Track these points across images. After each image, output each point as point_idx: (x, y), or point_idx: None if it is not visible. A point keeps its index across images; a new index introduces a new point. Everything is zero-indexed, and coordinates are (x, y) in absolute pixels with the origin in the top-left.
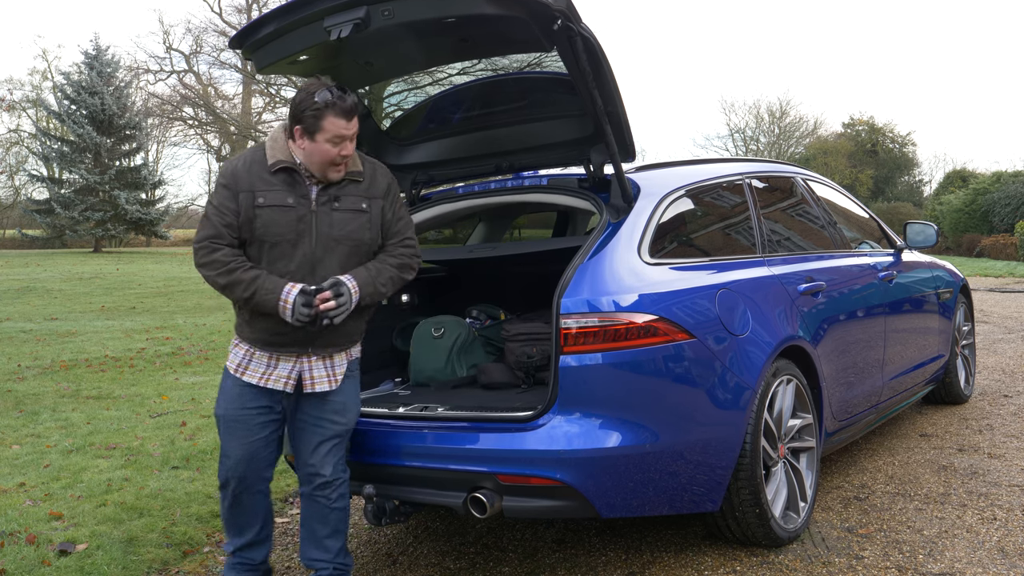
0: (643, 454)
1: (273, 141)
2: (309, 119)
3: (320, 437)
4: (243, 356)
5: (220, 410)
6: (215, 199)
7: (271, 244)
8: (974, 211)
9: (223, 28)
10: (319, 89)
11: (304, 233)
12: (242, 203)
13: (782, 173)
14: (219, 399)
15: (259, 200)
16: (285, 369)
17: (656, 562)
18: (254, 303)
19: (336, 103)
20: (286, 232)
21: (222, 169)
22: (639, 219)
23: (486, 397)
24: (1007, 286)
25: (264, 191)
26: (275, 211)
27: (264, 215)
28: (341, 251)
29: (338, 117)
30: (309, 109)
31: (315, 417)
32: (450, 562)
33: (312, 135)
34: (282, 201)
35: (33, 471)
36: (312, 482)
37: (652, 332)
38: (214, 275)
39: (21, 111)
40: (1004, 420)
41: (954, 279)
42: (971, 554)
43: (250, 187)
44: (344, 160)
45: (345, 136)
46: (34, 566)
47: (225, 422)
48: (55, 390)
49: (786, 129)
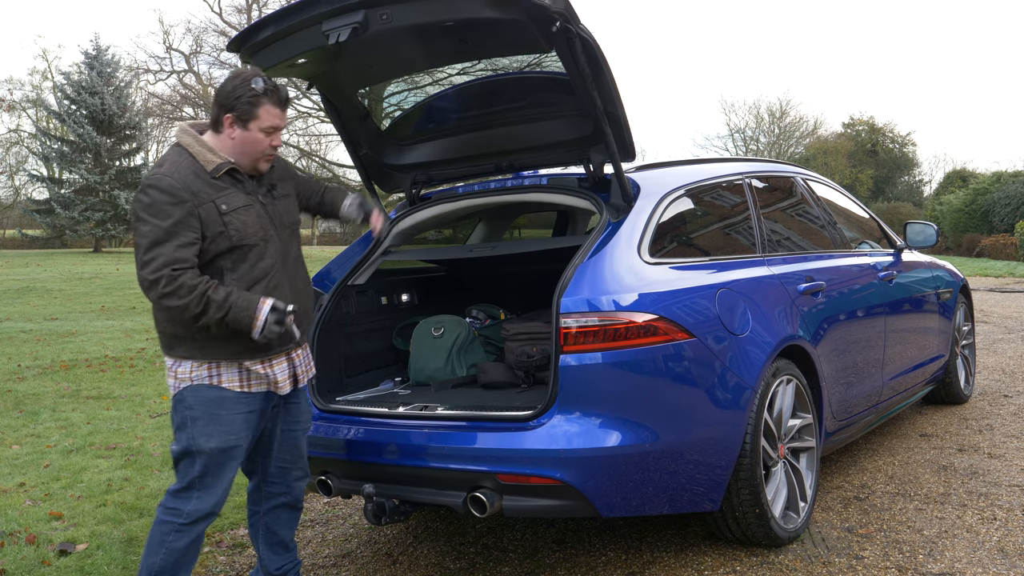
0: (643, 453)
1: (197, 146)
2: (244, 106)
3: (303, 437)
4: (234, 372)
5: (216, 442)
6: (165, 221)
7: (250, 247)
8: (974, 211)
9: (223, 28)
10: (253, 77)
11: (269, 227)
12: (205, 217)
13: (782, 173)
14: (208, 430)
15: (223, 207)
16: (283, 371)
17: (656, 562)
18: (226, 323)
19: (273, 91)
20: (258, 231)
21: (160, 186)
22: (639, 219)
23: (486, 397)
24: (1007, 286)
25: (221, 197)
26: (241, 213)
27: (235, 221)
28: (294, 237)
29: (274, 106)
30: (245, 96)
31: (295, 418)
32: (450, 562)
33: (245, 123)
34: (241, 202)
35: (33, 471)
36: (293, 490)
37: (652, 331)
38: (185, 302)
39: (21, 111)
40: (1004, 420)
41: (954, 279)
42: (971, 554)
43: (209, 197)
44: (274, 152)
45: (279, 127)
46: (34, 566)
47: (223, 453)
48: (55, 390)
49: (786, 129)
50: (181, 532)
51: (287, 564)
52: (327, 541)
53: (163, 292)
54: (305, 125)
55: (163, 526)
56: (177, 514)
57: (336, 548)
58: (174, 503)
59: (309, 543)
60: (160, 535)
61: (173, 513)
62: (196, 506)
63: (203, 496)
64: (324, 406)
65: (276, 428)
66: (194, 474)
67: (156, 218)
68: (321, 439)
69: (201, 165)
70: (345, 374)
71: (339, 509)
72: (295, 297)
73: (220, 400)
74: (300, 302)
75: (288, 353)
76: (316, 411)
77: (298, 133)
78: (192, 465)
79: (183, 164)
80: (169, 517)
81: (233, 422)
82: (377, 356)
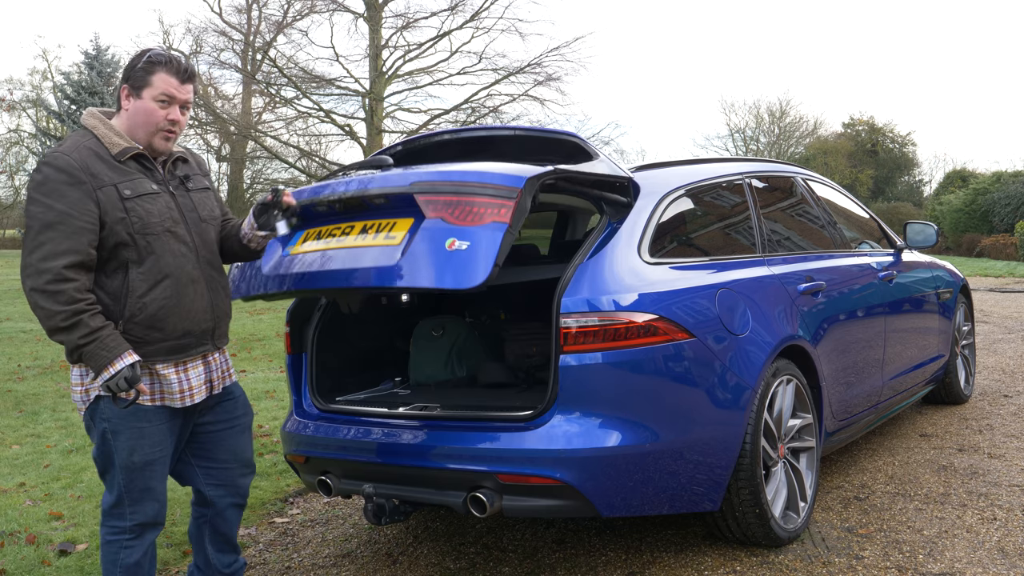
0: (643, 453)
1: (103, 128)
2: (139, 74)
3: (244, 432)
4: (145, 382)
5: (141, 456)
6: (60, 202)
7: (153, 236)
8: (974, 211)
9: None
10: (154, 49)
11: (178, 220)
12: (104, 201)
13: (782, 173)
14: (128, 445)
15: (125, 192)
16: (198, 376)
17: (656, 562)
18: (82, 353)
19: (170, 61)
20: (164, 221)
21: (57, 164)
22: (639, 219)
23: (486, 397)
24: (1007, 286)
25: (125, 181)
26: (145, 200)
27: (138, 208)
28: (211, 232)
29: (170, 75)
30: (140, 63)
31: (230, 415)
32: (450, 562)
33: (139, 91)
34: (147, 189)
35: (33, 471)
36: (239, 488)
37: (652, 331)
38: (56, 310)
39: (21, 111)
40: (1004, 420)
41: (954, 279)
42: (971, 554)
43: (110, 180)
44: (172, 129)
45: (175, 98)
46: (34, 566)
47: (148, 466)
48: (55, 390)
49: (786, 129)
50: (130, 548)
51: (235, 563)
52: (327, 541)
53: (42, 287)
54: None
55: (110, 546)
56: (119, 531)
57: (336, 548)
58: (112, 521)
59: (309, 543)
60: (110, 554)
61: (114, 531)
62: (135, 519)
63: (137, 508)
64: (324, 406)
65: (211, 427)
66: (120, 489)
67: (49, 198)
68: (321, 439)
69: (106, 148)
70: (345, 374)
71: (339, 509)
72: (211, 293)
73: (138, 411)
74: (218, 300)
75: (204, 355)
76: (316, 411)
77: (298, 133)
78: (115, 479)
79: (84, 144)
80: (113, 536)
81: (156, 432)
82: (377, 356)
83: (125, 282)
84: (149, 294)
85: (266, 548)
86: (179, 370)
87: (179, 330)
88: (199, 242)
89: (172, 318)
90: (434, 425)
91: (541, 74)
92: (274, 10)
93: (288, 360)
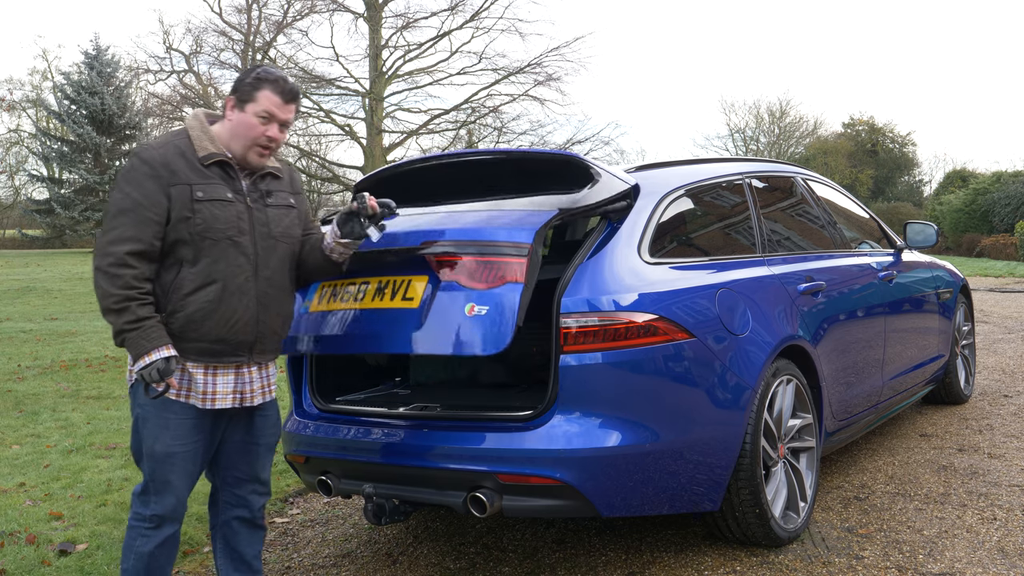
0: (643, 453)
1: (199, 131)
2: (246, 88)
3: (266, 453)
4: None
5: (163, 446)
6: (137, 191)
7: (212, 242)
8: (974, 211)
9: (223, 28)
10: (265, 65)
11: (245, 231)
12: (176, 198)
13: (782, 173)
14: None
15: (198, 194)
16: (226, 384)
17: (656, 562)
18: (124, 338)
19: (278, 80)
20: (228, 229)
21: (142, 156)
22: (639, 219)
23: (486, 396)
24: (1007, 286)
25: (201, 184)
26: (216, 206)
27: (204, 210)
28: (281, 249)
29: (275, 94)
30: (249, 78)
31: (259, 431)
32: (450, 562)
33: (243, 105)
34: (222, 195)
35: (33, 471)
36: (249, 504)
37: (652, 331)
38: (111, 291)
39: (21, 111)
40: (1004, 420)
41: (954, 279)
42: (971, 554)
43: (187, 179)
44: (269, 145)
45: (276, 117)
46: (34, 566)
47: (168, 457)
48: (55, 390)
49: (786, 129)
50: (146, 536)
51: None
52: (327, 541)
53: (105, 268)
54: (305, 125)
55: (131, 531)
56: (140, 518)
57: (336, 548)
58: (137, 507)
59: (309, 543)
60: (129, 539)
61: (137, 517)
62: (154, 509)
63: (158, 499)
64: (324, 406)
65: (236, 436)
66: (147, 475)
67: (128, 186)
68: (321, 439)
69: (194, 150)
70: (345, 374)
71: (339, 509)
72: (260, 308)
73: (167, 402)
74: (267, 316)
75: (238, 366)
76: (316, 411)
77: (298, 133)
78: (144, 466)
79: (174, 142)
80: (135, 522)
81: (180, 427)
82: (377, 356)
83: (176, 278)
84: (193, 295)
85: (266, 548)
86: (207, 372)
87: (213, 335)
88: (262, 257)
89: (208, 322)
90: (434, 425)
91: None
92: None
93: (288, 360)
